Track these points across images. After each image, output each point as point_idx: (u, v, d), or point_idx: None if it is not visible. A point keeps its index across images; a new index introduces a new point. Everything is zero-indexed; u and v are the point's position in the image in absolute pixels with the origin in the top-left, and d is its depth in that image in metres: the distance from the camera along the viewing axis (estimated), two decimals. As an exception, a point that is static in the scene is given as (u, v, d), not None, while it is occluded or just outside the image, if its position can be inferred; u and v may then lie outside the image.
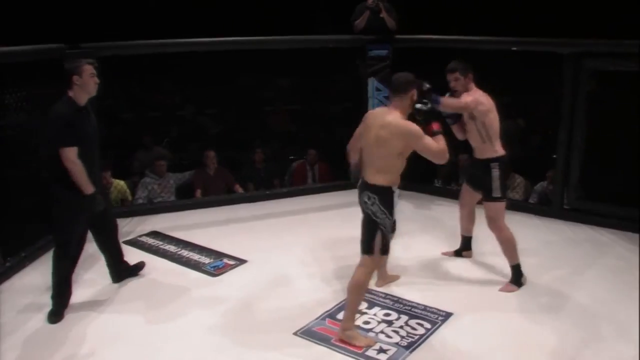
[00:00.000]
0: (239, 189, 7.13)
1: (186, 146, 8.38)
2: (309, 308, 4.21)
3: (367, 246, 3.82)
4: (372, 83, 6.75)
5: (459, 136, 4.74)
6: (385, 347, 3.77)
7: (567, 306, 4.32)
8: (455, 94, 4.59)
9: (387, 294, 4.44)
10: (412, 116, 3.89)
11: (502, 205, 4.58)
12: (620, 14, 6.85)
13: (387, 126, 3.70)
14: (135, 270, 4.82)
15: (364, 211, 3.84)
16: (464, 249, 5.17)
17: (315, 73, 7.61)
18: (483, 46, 6.58)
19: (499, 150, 4.55)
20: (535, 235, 5.58)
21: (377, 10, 6.58)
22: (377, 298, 4.39)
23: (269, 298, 4.43)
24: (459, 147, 7.17)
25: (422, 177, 7.23)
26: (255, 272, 4.87)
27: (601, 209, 5.99)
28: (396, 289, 4.53)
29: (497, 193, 4.53)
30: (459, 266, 4.97)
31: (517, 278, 4.58)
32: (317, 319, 4.08)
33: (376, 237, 3.78)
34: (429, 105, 3.97)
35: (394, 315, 4.14)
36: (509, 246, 4.58)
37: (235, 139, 8.40)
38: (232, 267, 4.98)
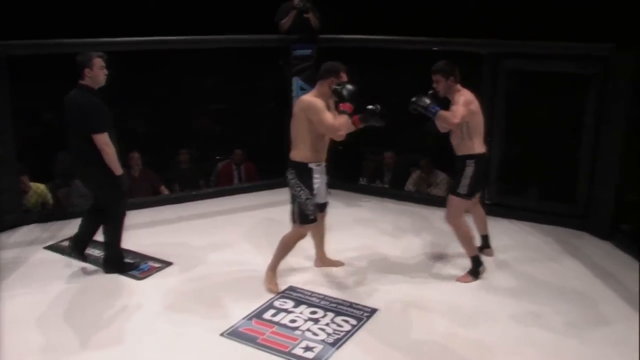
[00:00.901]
0: (164, 190, 7.04)
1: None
2: (235, 309, 4.20)
3: (291, 215, 4.43)
4: (297, 82, 6.78)
5: (440, 128, 4.71)
6: (311, 344, 3.80)
7: (489, 297, 4.47)
8: (438, 94, 4.62)
9: (313, 292, 4.47)
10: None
11: (464, 202, 4.65)
12: (537, 16, 7.09)
13: (299, 102, 4.29)
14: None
15: (288, 184, 4.36)
16: (484, 246, 5.18)
17: (240, 72, 7.59)
18: (406, 46, 6.73)
19: (477, 148, 4.60)
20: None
21: (304, 10, 6.60)
22: (303, 296, 4.42)
23: (195, 300, 4.39)
24: (383, 145, 7.35)
25: (347, 175, 7.33)
26: (181, 274, 4.82)
27: (520, 203, 6.22)
28: (322, 287, 4.57)
29: (463, 190, 4.59)
30: (385, 263, 5.06)
31: (475, 269, 4.71)
32: (243, 319, 4.07)
33: (294, 207, 4.36)
34: (348, 88, 4.15)
35: (320, 313, 4.18)
36: (466, 239, 4.69)
37: (161, 140, 8.27)
38: (158, 269, 4.90)
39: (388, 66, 7.41)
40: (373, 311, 4.22)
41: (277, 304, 4.30)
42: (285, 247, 4.49)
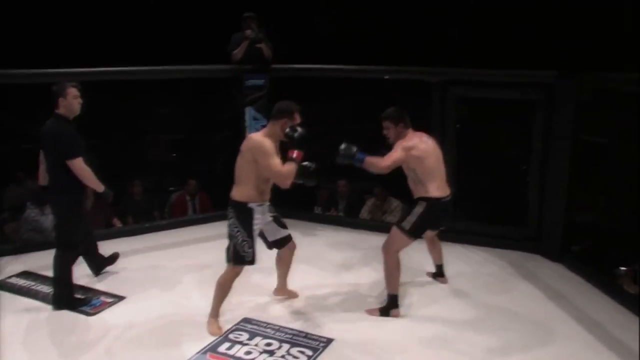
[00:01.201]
0: (117, 223, 6.93)
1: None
2: (189, 343, 4.14)
3: (226, 253, 4.28)
4: (249, 112, 6.79)
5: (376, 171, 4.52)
6: (267, 377, 3.76)
7: (444, 325, 4.49)
8: (388, 140, 4.57)
9: (268, 324, 4.43)
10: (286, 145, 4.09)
11: (404, 239, 4.51)
12: (483, 45, 7.29)
13: (248, 139, 4.13)
14: (112, 260, 5.47)
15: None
16: (438, 274, 5.28)
17: (193, 103, 7.59)
18: (357, 75, 6.81)
19: (431, 192, 4.47)
20: (411, 255, 5.75)
21: (257, 41, 6.64)
22: (258, 328, 4.37)
23: (148, 334, 4.30)
24: (337, 174, 7.37)
25: (301, 205, 7.32)
26: (133, 309, 4.73)
27: (473, 228, 6.31)
28: (278, 318, 4.54)
29: (406, 225, 4.48)
30: (340, 293, 5.05)
31: (388, 307, 4.59)
32: (197, 353, 4.01)
33: (230, 247, 4.23)
34: (300, 134, 3.99)
35: (275, 345, 4.14)
36: (391, 275, 4.56)
37: (113, 171, 8.15)
38: (110, 304, 4.80)
39: (339, 95, 7.49)
40: (329, 341, 4.20)
41: (231, 336, 4.25)
42: (223, 288, 4.32)
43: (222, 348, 4.08)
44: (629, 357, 4.06)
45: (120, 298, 4.90)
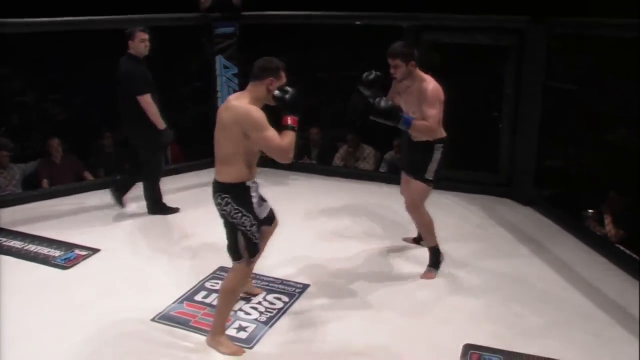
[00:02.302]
0: (88, 176, 6.85)
1: (29, 135, 7.91)
2: (165, 293, 4.15)
3: (235, 251, 3.54)
4: (220, 61, 6.71)
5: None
6: (244, 324, 3.81)
7: (416, 266, 4.57)
8: (394, 80, 4.26)
9: (244, 272, 4.46)
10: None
11: (428, 190, 4.34)
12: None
13: (230, 109, 3.34)
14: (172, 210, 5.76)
15: (220, 213, 3.50)
16: (421, 238, 4.87)
17: (162, 52, 7.45)
18: (328, 21, 6.76)
19: (442, 132, 4.26)
20: (385, 203, 5.81)
21: None
22: (235, 276, 4.40)
23: (124, 286, 4.31)
24: (308, 121, 7.36)
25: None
26: (108, 261, 4.73)
27: (446, 174, 6.35)
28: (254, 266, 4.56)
29: (430, 176, 4.27)
30: (315, 239, 5.11)
31: (436, 261, 4.49)
32: (174, 302, 4.04)
33: (238, 239, 3.49)
34: (290, 94, 3.33)
35: (252, 292, 4.19)
36: (429, 229, 4.45)
37: (83, 124, 8.04)
38: (85, 257, 4.79)
39: (311, 42, 7.41)
40: (305, 287, 4.26)
41: (208, 285, 4.28)
42: (232, 294, 3.58)
43: (199, 297, 4.12)
44: (595, 295, 4.19)
45: (94, 251, 4.89)
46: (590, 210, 5.32)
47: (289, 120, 3.31)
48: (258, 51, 6.78)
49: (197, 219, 5.48)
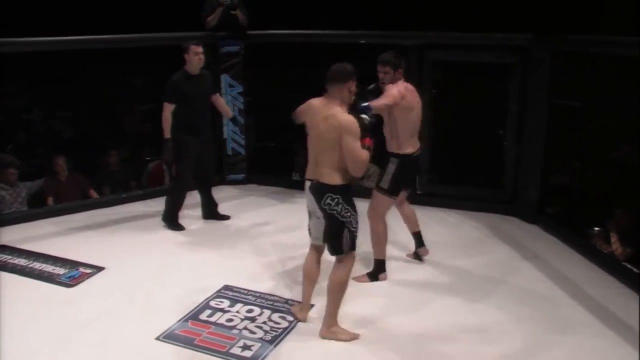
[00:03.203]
0: (93, 194, 6.86)
1: (35, 152, 7.94)
2: (170, 311, 4.14)
3: (337, 247, 3.77)
4: (225, 80, 6.75)
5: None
6: (249, 343, 3.79)
7: (423, 287, 4.56)
8: (382, 86, 4.44)
9: (249, 290, 4.46)
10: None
11: (385, 199, 4.52)
12: (459, 8, 7.27)
13: (331, 119, 3.62)
14: (221, 217, 6.00)
15: (326, 213, 3.71)
16: (419, 245, 5.00)
17: (168, 71, 7.50)
18: (332, 40, 6.77)
19: (403, 148, 4.46)
20: (390, 221, 5.78)
21: (232, 8, 6.55)
22: (239, 295, 4.40)
23: (128, 304, 4.31)
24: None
25: (280, 172, 7.34)
26: (113, 279, 4.72)
27: (451, 192, 6.36)
28: (258, 285, 4.56)
29: (384, 185, 4.50)
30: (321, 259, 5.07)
31: (376, 272, 4.64)
32: (179, 321, 4.02)
33: (343, 236, 3.73)
34: (371, 120, 3.77)
35: (256, 311, 4.18)
36: (378, 240, 4.60)
37: (88, 142, 8.07)
38: (89, 275, 4.78)
39: (315, 61, 7.43)
40: (310, 306, 4.23)
41: (213, 304, 4.27)
42: (343, 287, 3.82)
43: (204, 315, 4.11)
44: (603, 313, 4.17)
45: (99, 269, 4.88)
46: (596, 228, 5.30)
47: (368, 142, 3.68)
48: (263, 70, 6.88)
49: (202, 237, 5.49)
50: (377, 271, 4.65)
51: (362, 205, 4.61)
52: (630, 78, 5.11)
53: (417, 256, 5.01)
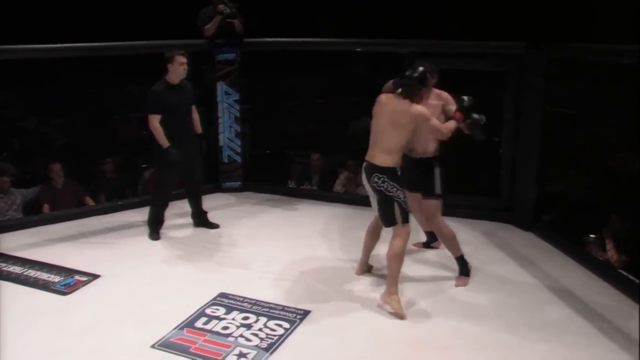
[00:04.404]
0: (89, 201, 6.85)
1: (30, 159, 7.93)
2: (165, 319, 4.13)
3: (390, 219, 4.29)
4: (221, 87, 6.75)
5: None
6: (245, 351, 3.78)
7: (417, 293, 4.55)
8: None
9: (244, 298, 4.45)
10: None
11: (439, 203, 4.70)
12: (454, 16, 7.30)
13: (403, 112, 4.18)
14: (211, 225, 5.93)
15: (375, 189, 4.27)
16: (431, 240, 5.36)
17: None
18: (328, 47, 6.79)
19: (436, 148, 4.71)
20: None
21: (230, 15, 6.56)
22: (235, 302, 4.39)
23: (123, 312, 4.29)
24: (309, 147, 7.40)
25: (275, 179, 7.35)
26: (108, 286, 4.71)
27: (446, 200, 6.34)
28: (254, 292, 4.55)
29: (438, 190, 4.67)
30: (317, 265, 5.08)
31: (465, 269, 4.77)
32: (174, 329, 4.01)
33: (395, 208, 4.24)
34: (467, 102, 4.39)
35: (252, 318, 4.16)
36: (449, 240, 4.74)
37: (84, 150, 8.07)
38: (84, 283, 4.77)
39: (312, 68, 7.46)
40: (306, 313, 4.23)
41: (208, 311, 4.26)
42: (400, 257, 4.30)
43: (199, 323, 4.10)
44: (598, 321, 4.17)
45: (94, 276, 4.87)
46: (592, 235, 5.31)
47: (458, 115, 4.44)
48: (259, 77, 6.89)
49: (198, 244, 5.49)
50: (464, 267, 4.77)
51: (358, 213, 4.66)
52: (625, 86, 5.14)
53: (427, 246, 5.36)
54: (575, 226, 5.58)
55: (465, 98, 4.40)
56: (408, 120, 4.20)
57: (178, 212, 6.29)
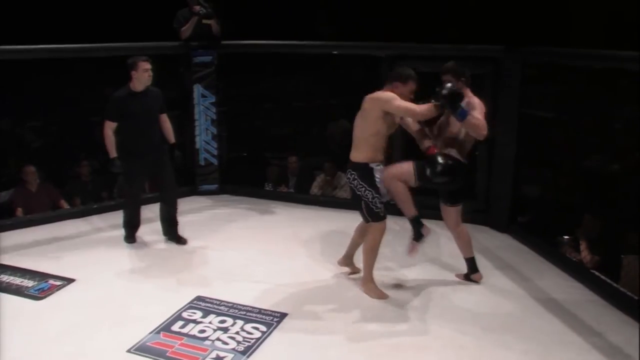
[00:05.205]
0: (64, 205, 6.78)
1: (4, 162, 7.83)
2: (141, 323, 4.09)
3: (363, 216, 4.44)
4: (198, 90, 6.73)
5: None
6: (222, 354, 3.76)
7: (393, 295, 4.57)
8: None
9: (221, 301, 4.42)
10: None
11: (410, 173, 4.48)
12: (433, 19, 7.35)
13: (369, 99, 4.26)
14: (180, 240, 5.60)
15: (348, 185, 4.45)
16: (472, 272, 4.82)
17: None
18: (306, 50, 6.80)
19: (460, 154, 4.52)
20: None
21: (208, 16, 6.53)
22: (211, 306, 4.36)
23: (98, 316, 4.24)
24: (286, 150, 7.39)
25: (252, 181, 7.33)
26: (83, 291, 4.66)
27: (423, 202, 6.37)
28: (231, 295, 4.53)
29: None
30: (293, 267, 5.08)
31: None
32: (150, 333, 3.98)
33: (362, 207, 4.36)
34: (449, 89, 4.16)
35: (229, 322, 4.14)
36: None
37: (59, 152, 7.98)
38: (59, 287, 4.71)
39: (289, 71, 7.47)
40: (282, 316, 4.22)
41: (185, 315, 4.23)
42: (374, 251, 4.44)
43: (176, 327, 4.07)
44: (572, 321, 4.22)
45: (69, 281, 4.81)
46: (566, 237, 5.37)
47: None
48: (236, 80, 6.88)
49: (174, 248, 5.46)
50: (418, 230, 4.56)
51: (334, 215, 4.67)
52: (599, 89, 5.22)
53: (467, 279, 4.85)
54: (550, 227, 5.63)
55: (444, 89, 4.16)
56: (370, 105, 4.24)
57: (154, 215, 6.24)
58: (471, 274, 4.80)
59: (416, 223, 4.55)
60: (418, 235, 4.55)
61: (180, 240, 5.60)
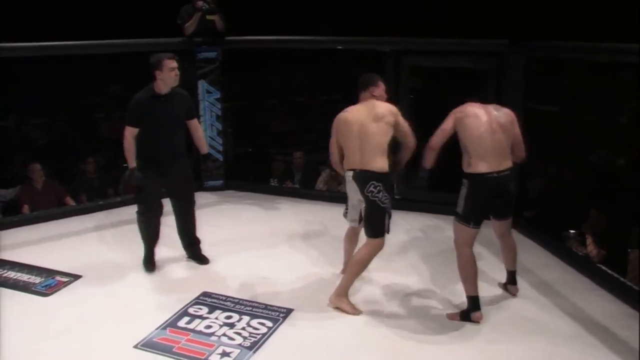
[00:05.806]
0: (70, 202, 6.80)
1: (10, 160, 7.85)
2: (148, 319, 4.11)
3: (376, 230, 4.12)
4: (202, 86, 6.73)
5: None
6: (228, 350, 3.77)
7: (397, 290, 4.58)
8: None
9: (227, 297, 4.44)
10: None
11: (464, 227, 4.14)
12: (437, 13, 7.33)
13: (387, 113, 4.15)
14: (203, 260, 5.08)
15: (368, 199, 4.06)
16: (509, 282, 4.56)
17: (144, 78, 7.48)
18: (310, 46, 6.79)
19: (474, 166, 4.07)
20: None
21: (212, 11, 6.53)
22: (217, 301, 4.38)
23: (105, 312, 4.27)
24: (291, 145, 7.38)
25: (258, 177, 7.34)
26: (90, 287, 4.67)
27: (429, 197, 6.38)
28: (237, 291, 4.55)
29: (458, 209, 4.16)
30: (299, 264, 5.09)
31: (468, 312, 4.13)
32: (157, 329, 4.00)
33: (385, 221, 4.10)
34: None
35: (235, 317, 4.16)
36: (466, 272, 4.15)
37: (65, 149, 8.00)
38: (66, 284, 4.73)
39: (293, 66, 7.46)
40: (288, 311, 4.23)
41: (191, 310, 4.25)
42: (365, 264, 4.20)
43: (182, 322, 4.08)
44: (578, 316, 4.22)
45: (76, 277, 4.83)
46: (572, 231, 5.35)
47: None
48: (240, 75, 6.87)
49: (179, 244, 5.45)
50: (471, 309, 4.11)
51: (340, 210, 4.67)
52: (605, 83, 5.20)
53: (504, 288, 4.62)
54: (556, 222, 5.62)
55: None
56: (385, 111, 4.19)
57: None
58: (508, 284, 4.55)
59: (473, 305, 4.12)
60: (465, 316, 4.12)
61: (203, 261, 5.10)
